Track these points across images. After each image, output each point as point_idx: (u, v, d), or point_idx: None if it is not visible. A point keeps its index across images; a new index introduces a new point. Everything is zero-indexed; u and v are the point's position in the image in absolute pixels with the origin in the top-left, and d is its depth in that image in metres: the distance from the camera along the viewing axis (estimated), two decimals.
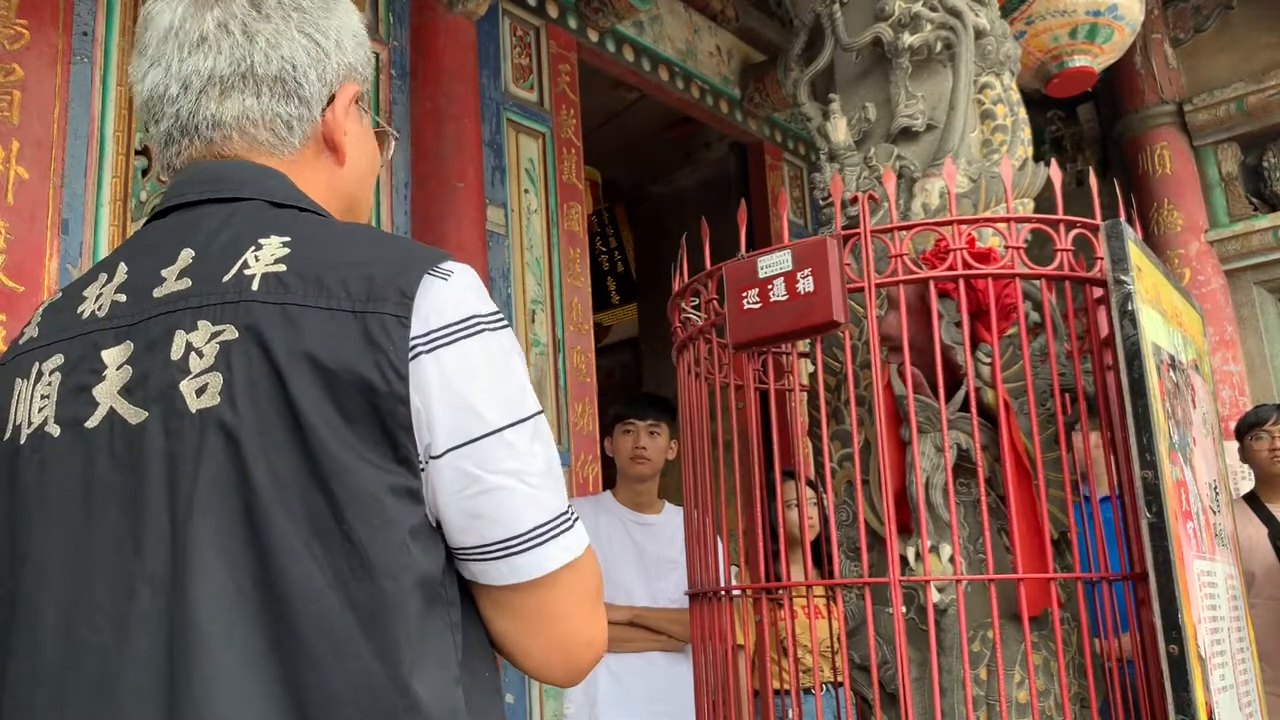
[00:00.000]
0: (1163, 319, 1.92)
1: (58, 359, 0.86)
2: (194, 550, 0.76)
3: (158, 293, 0.84)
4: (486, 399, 0.82)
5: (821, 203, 2.24)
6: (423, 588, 0.79)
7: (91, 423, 0.82)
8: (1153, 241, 5.85)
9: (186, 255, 0.86)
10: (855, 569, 2.00)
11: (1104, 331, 1.88)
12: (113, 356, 0.83)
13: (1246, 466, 3.97)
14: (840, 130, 2.29)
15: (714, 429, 2.03)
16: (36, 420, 0.85)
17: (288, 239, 0.84)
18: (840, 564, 2.04)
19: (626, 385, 7.40)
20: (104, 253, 2.88)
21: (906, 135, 2.23)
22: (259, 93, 0.92)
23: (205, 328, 0.80)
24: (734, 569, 2.21)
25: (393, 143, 1.11)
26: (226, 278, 0.82)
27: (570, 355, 4.25)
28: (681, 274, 2.12)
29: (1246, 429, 3.83)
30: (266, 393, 0.77)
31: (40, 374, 0.87)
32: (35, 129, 2.79)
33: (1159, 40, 6.15)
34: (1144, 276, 1.85)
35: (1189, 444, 1.93)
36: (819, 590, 2.08)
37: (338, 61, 0.96)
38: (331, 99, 0.96)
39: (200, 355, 0.80)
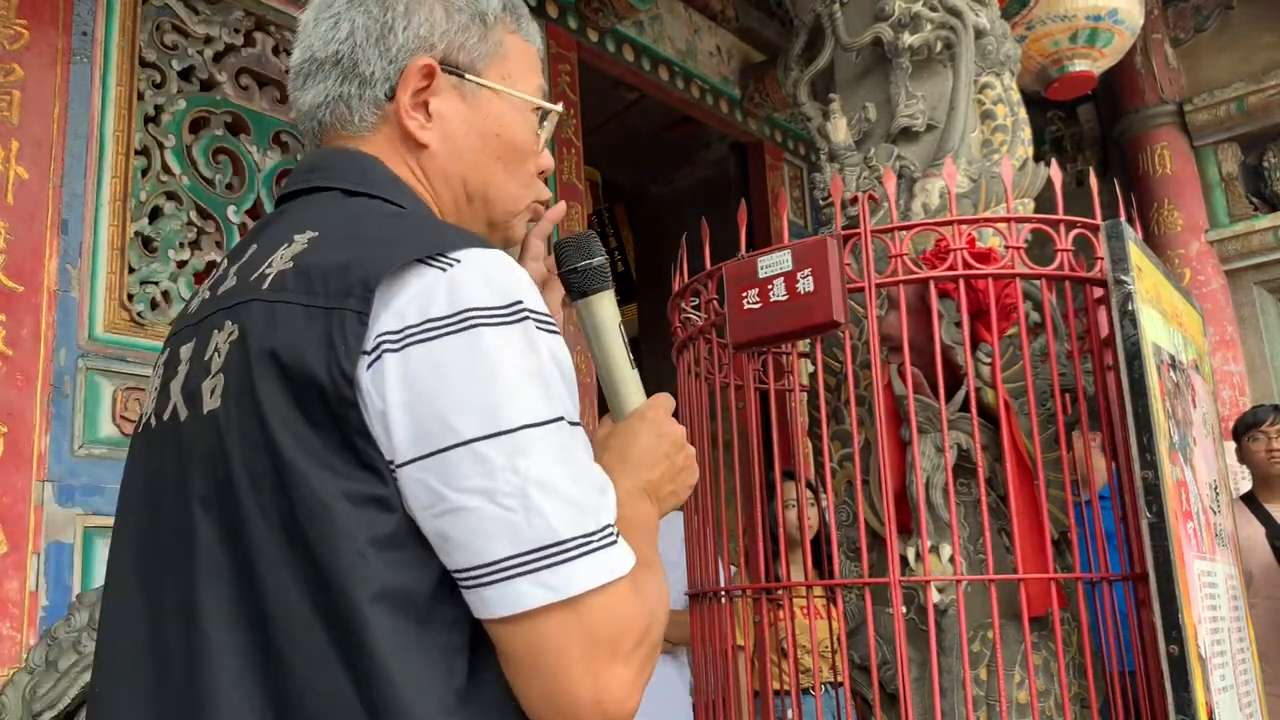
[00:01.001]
0: (1163, 319, 1.92)
1: (165, 354, 0.90)
2: (201, 551, 0.77)
3: (220, 290, 0.86)
4: (457, 405, 0.72)
5: (821, 203, 2.24)
6: (390, 604, 0.72)
7: (166, 415, 0.85)
8: (1153, 241, 5.85)
9: (250, 251, 0.87)
10: (855, 569, 2.00)
11: (1104, 331, 1.88)
12: (185, 353, 0.85)
13: (1244, 467, 3.97)
14: (840, 130, 2.29)
15: (714, 429, 2.03)
16: (147, 411, 0.89)
17: (315, 233, 0.81)
18: (840, 564, 2.04)
19: None
20: (103, 253, 2.87)
21: (906, 135, 2.23)
22: (325, 77, 0.93)
23: (227, 328, 0.80)
24: (733, 569, 2.21)
25: (555, 116, 1.01)
26: (254, 276, 0.82)
27: (571, 355, 4.24)
28: (681, 274, 2.12)
29: (1244, 430, 3.83)
30: (247, 394, 0.76)
31: (155, 367, 0.92)
32: (35, 129, 2.79)
33: (1159, 40, 6.15)
34: (1144, 276, 1.85)
35: (1189, 444, 1.93)
36: (818, 590, 2.08)
37: (405, 34, 0.91)
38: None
39: (219, 355, 0.80)
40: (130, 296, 2.91)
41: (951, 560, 1.85)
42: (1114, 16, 4.16)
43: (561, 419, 0.76)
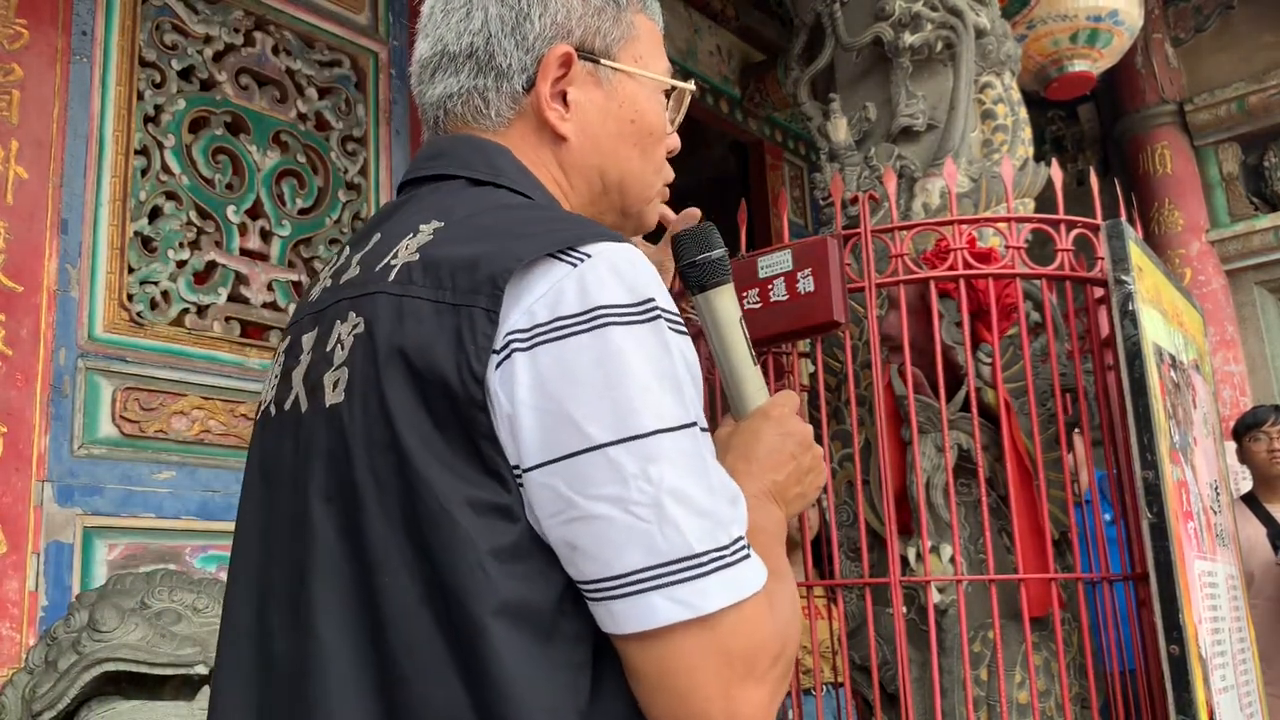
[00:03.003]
0: (1163, 319, 1.92)
1: (286, 341, 0.88)
2: (319, 548, 0.74)
3: (343, 279, 0.83)
4: (588, 407, 0.68)
5: (822, 202, 2.24)
6: (511, 617, 0.68)
7: (287, 405, 0.82)
8: (1153, 241, 5.85)
9: (374, 240, 0.84)
10: (856, 569, 2.00)
11: (1104, 331, 1.87)
12: (307, 341, 0.83)
13: (1244, 467, 3.97)
14: (840, 130, 2.29)
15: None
16: (267, 399, 0.87)
17: (441, 224, 0.78)
18: (840, 564, 2.03)
19: None
20: (103, 253, 2.87)
21: (907, 135, 2.23)
22: (457, 71, 0.89)
23: (351, 319, 0.77)
24: None
25: (687, 97, 0.98)
26: (379, 267, 0.79)
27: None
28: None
29: (1244, 430, 3.83)
30: (373, 392, 0.73)
31: (276, 354, 0.89)
32: (35, 129, 2.79)
33: (1160, 40, 6.15)
34: (1145, 276, 1.85)
35: (1190, 444, 1.93)
36: (819, 590, 2.08)
37: (542, 22, 0.87)
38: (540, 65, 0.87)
39: (342, 348, 0.77)
40: (130, 296, 2.91)
41: (952, 560, 1.85)
42: (1114, 17, 4.16)
43: (694, 424, 0.72)
